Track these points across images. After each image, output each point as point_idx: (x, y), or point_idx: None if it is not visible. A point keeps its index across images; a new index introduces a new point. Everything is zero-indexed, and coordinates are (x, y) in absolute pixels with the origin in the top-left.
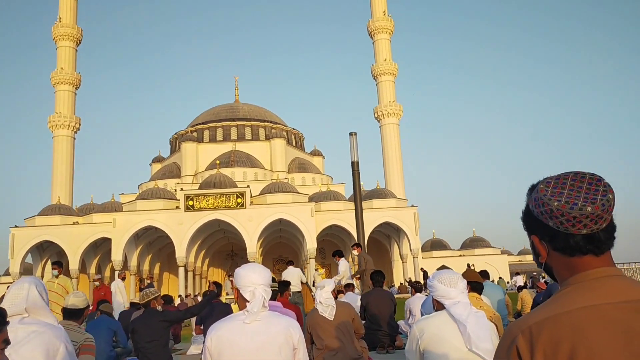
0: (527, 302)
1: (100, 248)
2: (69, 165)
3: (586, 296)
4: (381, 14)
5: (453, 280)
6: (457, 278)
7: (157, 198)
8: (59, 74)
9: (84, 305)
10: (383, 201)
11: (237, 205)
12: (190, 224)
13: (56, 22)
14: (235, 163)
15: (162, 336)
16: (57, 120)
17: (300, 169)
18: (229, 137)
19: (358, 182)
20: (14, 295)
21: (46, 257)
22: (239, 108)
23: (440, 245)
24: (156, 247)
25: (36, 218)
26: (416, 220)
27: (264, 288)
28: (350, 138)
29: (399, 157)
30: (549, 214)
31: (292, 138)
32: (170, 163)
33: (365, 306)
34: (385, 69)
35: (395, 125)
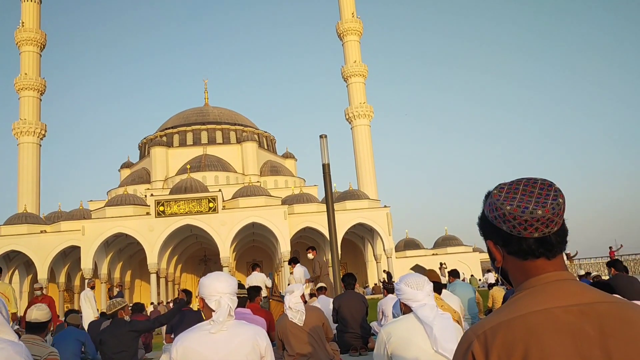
0: (497, 299)
1: (69, 257)
2: (35, 172)
3: (539, 300)
4: (350, 16)
5: (420, 283)
6: (424, 281)
7: (126, 204)
8: (22, 79)
9: (47, 319)
10: (356, 202)
11: (209, 210)
12: (162, 230)
13: (19, 26)
14: (206, 167)
15: (131, 347)
16: (21, 127)
17: (273, 172)
18: (199, 141)
19: (329, 185)
20: None
21: (13, 267)
22: (209, 111)
23: (414, 244)
24: (127, 254)
25: (2, 227)
26: (389, 220)
27: (229, 297)
28: (320, 140)
29: (371, 158)
30: (502, 218)
31: (264, 141)
32: (139, 168)
33: (338, 309)
34: (355, 71)
35: (367, 127)
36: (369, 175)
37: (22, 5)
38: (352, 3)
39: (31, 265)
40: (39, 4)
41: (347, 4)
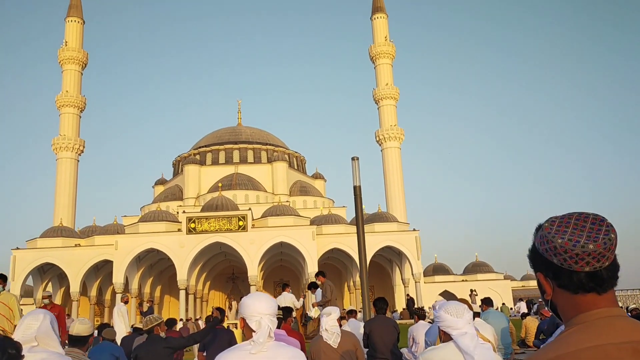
0: (531, 330)
1: (101, 270)
2: (72, 187)
3: (590, 336)
4: (383, 39)
5: (459, 310)
6: (464, 309)
7: (159, 220)
8: (64, 96)
9: (88, 333)
10: (384, 225)
11: (238, 228)
12: (192, 247)
13: (62, 45)
14: (237, 186)
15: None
16: (61, 143)
17: (302, 192)
18: (231, 160)
19: (360, 207)
20: (27, 326)
21: (47, 280)
22: (242, 131)
23: (443, 269)
24: (157, 269)
25: (38, 240)
26: (418, 244)
27: (270, 318)
28: (352, 163)
29: (401, 180)
30: (553, 251)
31: (294, 161)
32: (172, 185)
33: (369, 334)
34: (386, 94)
35: (397, 149)
36: (398, 198)
37: (66, 25)
38: (385, 27)
39: (64, 278)
40: (82, 25)
41: (380, 27)
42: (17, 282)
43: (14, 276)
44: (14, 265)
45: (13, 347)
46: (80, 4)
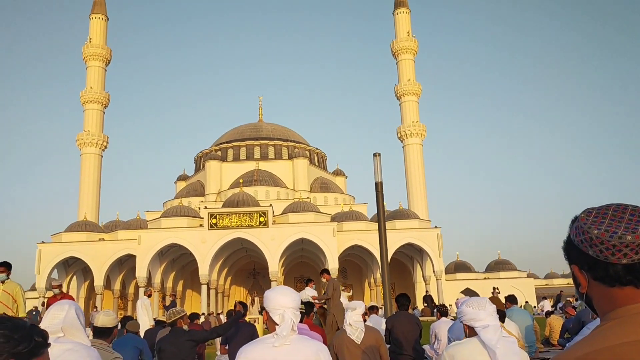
0: (555, 328)
1: (125, 264)
2: (96, 182)
3: (628, 331)
4: (405, 35)
5: (481, 303)
6: (485, 301)
7: (181, 216)
8: (88, 93)
9: (113, 325)
10: (406, 222)
11: (259, 224)
12: (214, 242)
13: (86, 42)
14: (258, 182)
15: (188, 356)
16: (85, 138)
17: (323, 188)
18: (252, 156)
19: (382, 204)
20: (53, 316)
21: (71, 273)
22: (263, 127)
23: (464, 267)
24: (180, 264)
25: (63, 234)
26: (439, 241)
27: (293, 311)
28: (374, 159)
29: (422, 177)
30: (589, 242)
31: (315, 157)
32: (194, 181)
33: (390, 330)
34: (408, 89)
35: (419, 146)
36: (420, 195)
37: (91, 22)
38: (407, 22)
39: (89, 272)
40: (105, 21)
41: (402, 22)
42: (42, 275)
43: (39, 269)
44: (39, 259)
45: (40, 335)
46: (104, 1)
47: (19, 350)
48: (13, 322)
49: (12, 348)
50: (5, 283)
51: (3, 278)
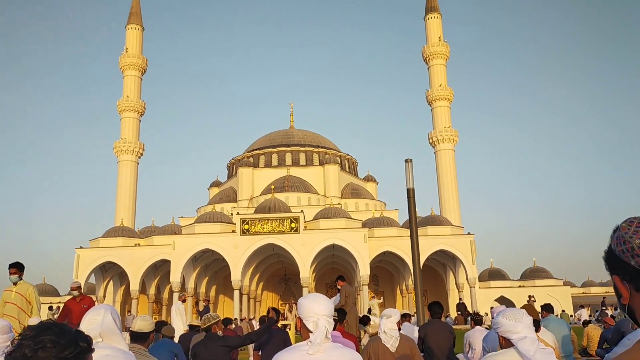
0: (593, 339)
1: (159, 269)
2: (132, 188)
3: None
4: (436, 40)
5: (518, 315)
6: (522, 313)
7: (214, 222)
8: (124, 101)
9: (150, 329)
10: (438, 228)
11: (291, 230)
12: (246, 248)
13: (123, 52)
14: (289, 188)
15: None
16: (122, 146)
17: (354, 194)
18: (283, 162)
19: (413, 210)
20: (90, 321)
21: (108, 278)
22: (294, 134)
23: (499, 275)
24: (213, 269)
25: (100, 239)
26: (473, 248)
27: (326, 319)
28: (405, 165)
29: (455, 183)
30: (630, 252)
31: (346, 163)
32: (227, 187)
33: (424, 338)
34: (440, 95)
35: (451, 151)
36: (452, 201)
37: (127, 32)
38: (439, 27)
39: (125, 277)
40: (141, 31)
41: (434, 27)
42: (80, 279)
43: (77, 274)
44: (77, 264)
45: (84, 340)
46: (140, 11)
47: (65, 355)
48: (59, 327)
49: (59, 353)
50: (18, 284)
51: (15, 280)
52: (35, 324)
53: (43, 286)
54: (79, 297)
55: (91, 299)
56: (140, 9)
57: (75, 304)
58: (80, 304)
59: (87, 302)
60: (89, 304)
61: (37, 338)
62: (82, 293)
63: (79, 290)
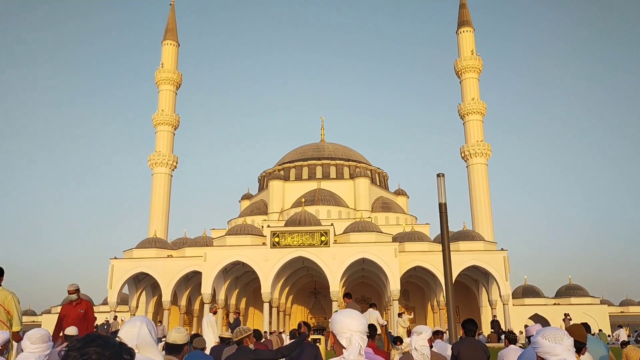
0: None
1: (191, 281)
2: (166, 200)
3: None
4: (469, 53)
5: (558, 336)
6: (563, 334)
7: (245, 234)
8: (159, 115)
9: (184, 341)
10: (470, 244)
11: (320, 243)
12: (276, 261)
13: (159, 67)
14: (319, 201)
15: None
16: (156, 159)
17: (384, 208)
18: (314, 175)
19: (446, 225)
20: (126, 333)
21: (141, 289)
22: (324, 147)
23: (533, 292)
24: (243, 282)
25: (134, 250)
26: (506, 264)
27: (360, 335)
28: (437, 180)
29: (487, 198)
30: None
31: (376, 177)
32: (258, 200)
33: (457, 356)
34: (473, 108)
35: (483, 165)
36: (485, 216)
37: (163, 48)
38: (471, 40)
39: (157, 288)
40: (177, 47)
41: (466, 41)
42: (114, 290)
43: (111, 284)
44: (112, 274)
45: (128, 353)
46: (176, 28)
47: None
48: (104, 339)
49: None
50: None
51: None
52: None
53: None
54: (76, 302)
55: (89, 303)
56: (176, 25)
57: (71, 308)
58: (77, 309)
59: (84, 307)
60: (86, 309)
61: (83, 349)
62: (80, 297)
63: (77, 294)
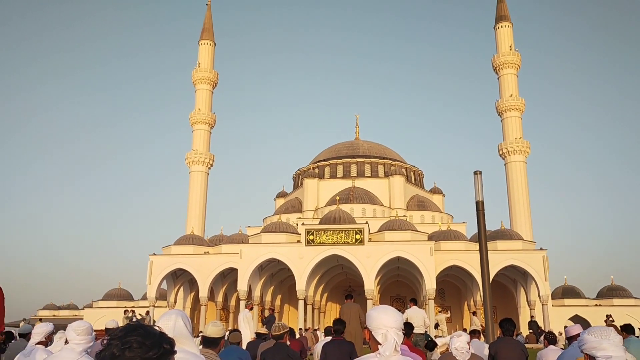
0: None
1: (227, 277)
2: (203, 198)
3: None
4: (507, 49)
5: (605, 332)
6: (610, 331)
7: (280, 232)
8: (196, 114)
9: (220, 335)
10: (508, 243)
11: (355, 241)
12: (311, 258)
13: (196, 67)
14: (354, 199)
15: None
16: (193, 157)
17: (419, 206)
18: (348, 173)
19: (483, 223)
20: (162, 326)
21: (179, 284)
22: (359, 145)
23: (573, 292)
24: (278, 279)
25: (172, 247)
26: (545, 264)
27: (396, 331)
28: (474, 177)
29: (526, 196)
30: None
31: (412, 175)
32: (292, 198)
33: (494, 356)
34: (511, 105)
35: (522, 163)
36: (524, 215)
37: (200, 48)
38: (510, 35)
39: (194, 284)
40: (213, 47)
41: (504, 36)
42: (153, 285)
43: (150, 279)
44: (150, 269)
45: (168, 342)
46: (212, 27)
47: (150, 355)
48: (145, 329)
49: (144, 353)
50: None
51: None
52: (112, 326)
53: (118, 290)
54: None
55: None
56: (212, 25)
57: None
58: None
59: None
60: None
61: (125, 339)
62: None
63: None
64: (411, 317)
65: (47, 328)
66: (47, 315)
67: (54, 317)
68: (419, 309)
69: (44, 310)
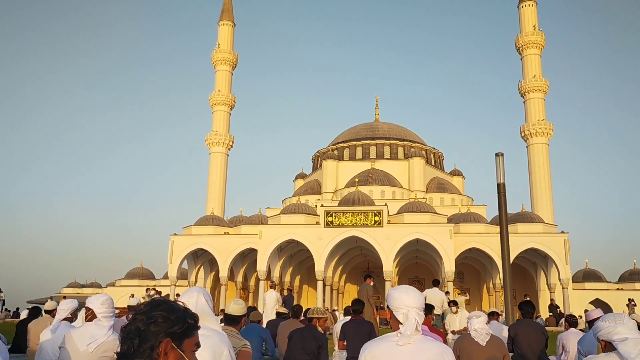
0: None
1: (247, 258)
2: (223, 179)
3: None
4: (531, 28)
5: (618, 318)
6: (624, 316)
7: (299, 213)
8: (216, 95)
9: (242, 313)
10: (529, 226)
11: (374, 223)
12: (329, 240)
13: (215, 48)
14: (373, 181)
15: (315, 352)
16: (213, 138)
17: (439, 189)
18: (368, 155)
19: (504, 206)
20: (184, 302)
21: (200, 264)
22: (379, 127)
23: (594, 276)
24: (297, 260)
25: (192, 227)
26: (566, 247)
27: (417, 311)
28: (496, 159)
29: (548, 179)
30: None
31: (431, 157)
32: (311, 180)
33: (514, 338)
34: (534, 86)
35: (545, 145)
36: (545, 198)
37: (219, 28)
38: (534, 14)
39: (214, 264)
40: (232, 27)
41: (528, 16)
42: (174, 264)
43: (171, 259)
44: (172, 249)
45: (192, 317)
46: (232, 8)
47: (174, 330)
48: (169, 304)
49: (169, 328)
50: None
51: None
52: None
53: (140, 270)
54: None
55: None
56: (232, 6)
57: None
58: None
59: None
60: None
61: (150, 313)
62: None
63: None
64: (429, 297)
65: (72, 305)
66: (71, 293)
67: (77, 295)
68: (439, 291)
69: (68, 288)
